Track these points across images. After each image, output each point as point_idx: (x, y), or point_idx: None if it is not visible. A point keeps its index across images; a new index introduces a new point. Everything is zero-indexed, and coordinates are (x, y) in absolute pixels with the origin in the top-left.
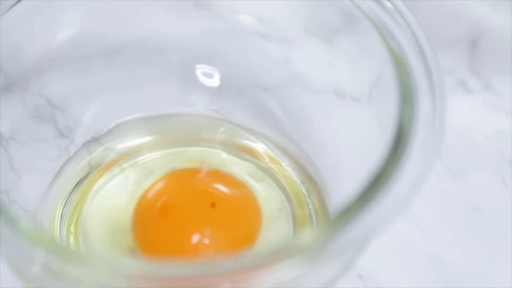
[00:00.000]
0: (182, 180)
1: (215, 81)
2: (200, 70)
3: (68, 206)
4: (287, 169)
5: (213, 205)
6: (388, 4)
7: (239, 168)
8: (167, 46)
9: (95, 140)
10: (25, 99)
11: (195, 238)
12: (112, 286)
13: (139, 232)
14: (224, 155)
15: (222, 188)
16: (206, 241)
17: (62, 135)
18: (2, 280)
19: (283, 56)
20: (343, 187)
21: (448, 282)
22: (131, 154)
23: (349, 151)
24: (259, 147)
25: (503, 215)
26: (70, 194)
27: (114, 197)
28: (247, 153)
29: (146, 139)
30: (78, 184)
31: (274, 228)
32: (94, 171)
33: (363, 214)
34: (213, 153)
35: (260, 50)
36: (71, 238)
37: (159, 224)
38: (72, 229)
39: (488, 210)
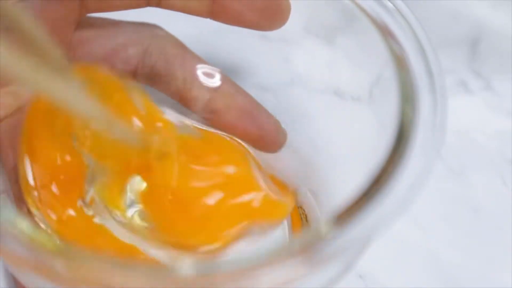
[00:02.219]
0: None
1: (216, 81)
2: (200, 70)
3: None
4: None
5: None
6: (389, 4)
7: None
8: None
9: None
10: None
11: None
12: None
13: None
14: None
15: None
16: None
17: None
18: (2, 280)
19: (283, 56)
20: (343, 187)
21: (448, 282)
22: None
23: (350, 151)
24: None
25: (503, 215)
26: None
27: None
28: None
29: None
30: None
31: None
32: None
33: (364, 214)
34: None
35: (260, 50)
36: None
37: None
38: None
39: (488, 210)
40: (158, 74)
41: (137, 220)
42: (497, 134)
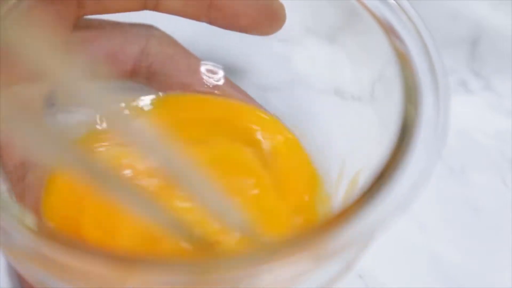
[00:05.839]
0: None
1: (214, 81)
2: (199, 69)
3: None
4: None
5: None
6: (392, 1)
7: None
8: None
9: None
10: None
11: None
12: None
13: None
14: None
15: None
16: None
17: None
18: (2, 280)
19: (283, 56)
20: (346, 186)
21: (448, 282)
22: None
23: (351, 150)
24: None
25: (503, 215)
26: None
27: None
28: None
29: None
30: None
31: None
32: None
33: (365, 213)
34: None
35: (261, 50)
36: None
37: None
38: None
39: (488, 210)
40: (155, 73)
41: None
42: (497, 134)
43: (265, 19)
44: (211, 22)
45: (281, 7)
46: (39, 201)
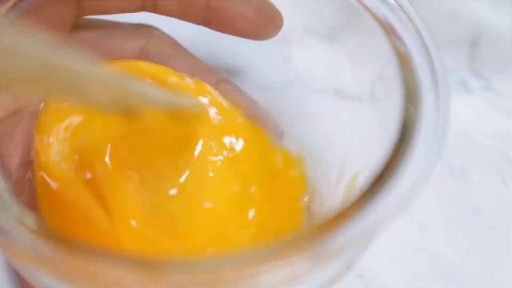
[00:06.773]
0: None
1: None
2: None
3: None
4: None
5: None
6: (392, 1)
7: None
8: None
9: None
10: None
11: None
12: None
13: None
14: None
15: None
16: None
17: None
18: (2, 280)
19: (283, 56)
20: (344, 187)
21: (448, 282)
22: None
23: (351, 150)
24: None
25: (503, 215)
26: None
27: None
28: None
29: None
30: None
31: None
32: None
33: (366, 213)
34: None
35: (260, 50)
36: None
37: None
38: None
39: (488, 210)
40: None
41: None
42: (497, 134)
43: (262, 23)
44: (207, 24)
45: (278, 12)
46: (39, 201)
